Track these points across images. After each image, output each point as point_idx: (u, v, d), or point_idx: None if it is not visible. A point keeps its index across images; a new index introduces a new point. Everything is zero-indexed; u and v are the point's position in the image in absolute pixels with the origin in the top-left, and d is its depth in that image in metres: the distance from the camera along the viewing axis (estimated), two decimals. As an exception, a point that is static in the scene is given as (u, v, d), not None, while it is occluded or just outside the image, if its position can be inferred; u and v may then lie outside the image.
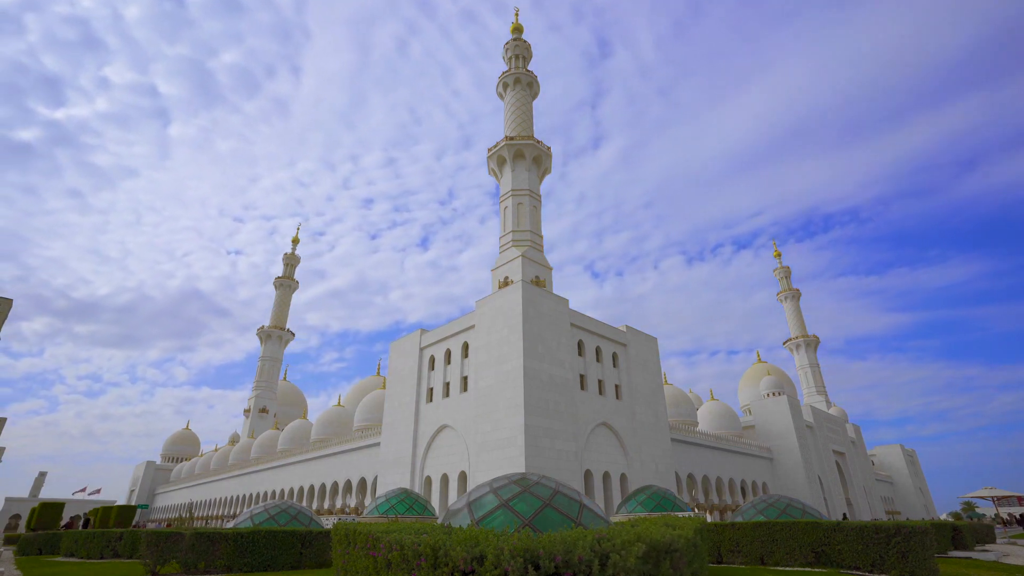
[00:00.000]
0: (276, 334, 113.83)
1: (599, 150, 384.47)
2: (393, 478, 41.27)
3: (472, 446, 35.14)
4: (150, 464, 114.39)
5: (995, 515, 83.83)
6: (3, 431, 25.55)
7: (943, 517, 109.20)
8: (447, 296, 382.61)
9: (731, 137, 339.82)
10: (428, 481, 39.03)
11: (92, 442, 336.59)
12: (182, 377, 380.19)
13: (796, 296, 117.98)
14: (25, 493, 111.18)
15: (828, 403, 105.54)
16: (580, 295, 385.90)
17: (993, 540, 36.01)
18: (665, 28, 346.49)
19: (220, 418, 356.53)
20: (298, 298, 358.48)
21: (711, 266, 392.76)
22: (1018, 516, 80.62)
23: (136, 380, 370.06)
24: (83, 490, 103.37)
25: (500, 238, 51.28)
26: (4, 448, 30.79)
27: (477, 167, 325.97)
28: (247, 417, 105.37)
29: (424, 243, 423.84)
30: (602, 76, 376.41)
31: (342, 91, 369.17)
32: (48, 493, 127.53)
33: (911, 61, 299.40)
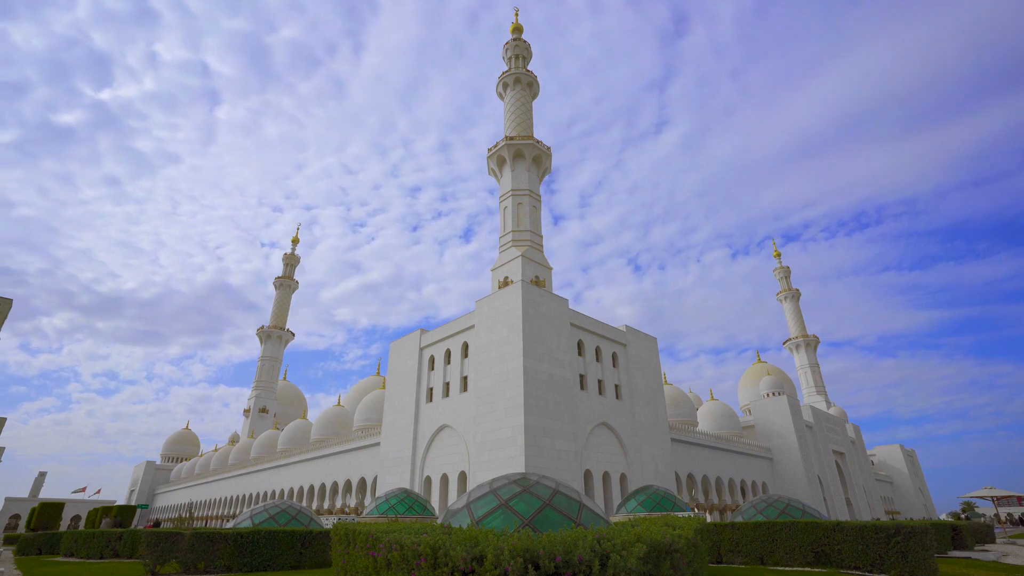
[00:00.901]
0: (276, 334, 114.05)
1: (661, 135, 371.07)
2: (393, 478, 41.26)
3: (472, 446, 35.12)
4: (150, 464, 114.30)
5: (995, 514, 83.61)
6: (3, 431, 25.52)
7: (943, 517, 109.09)
8: (484, 291, 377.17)
9: (796, 124, 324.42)
10: (428, 481, 39.01)
11: (101, 441, 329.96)
12: (199, 375, 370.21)
13: (796, 296, 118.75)
14: (25, 493, 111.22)
15: (828, 403, 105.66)
16: (618, 290, 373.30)
17: (993, 540, 36.04)
18: (748, 1, 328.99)
19: (232, 416, 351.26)
20: (329, 293, 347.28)
21: (755, 260, 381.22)
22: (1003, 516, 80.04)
23: (153, 378, 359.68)
24: (83, 490, 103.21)
25: (500, 238, 51.34)
26: (3, 448, 30.77)
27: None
28: (247, 417, 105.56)
29: (467, 235, 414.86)
30: (674, 56, 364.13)
31: (403, 69, 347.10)
32: (49, 493, 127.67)
33: (992, 43, 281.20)
